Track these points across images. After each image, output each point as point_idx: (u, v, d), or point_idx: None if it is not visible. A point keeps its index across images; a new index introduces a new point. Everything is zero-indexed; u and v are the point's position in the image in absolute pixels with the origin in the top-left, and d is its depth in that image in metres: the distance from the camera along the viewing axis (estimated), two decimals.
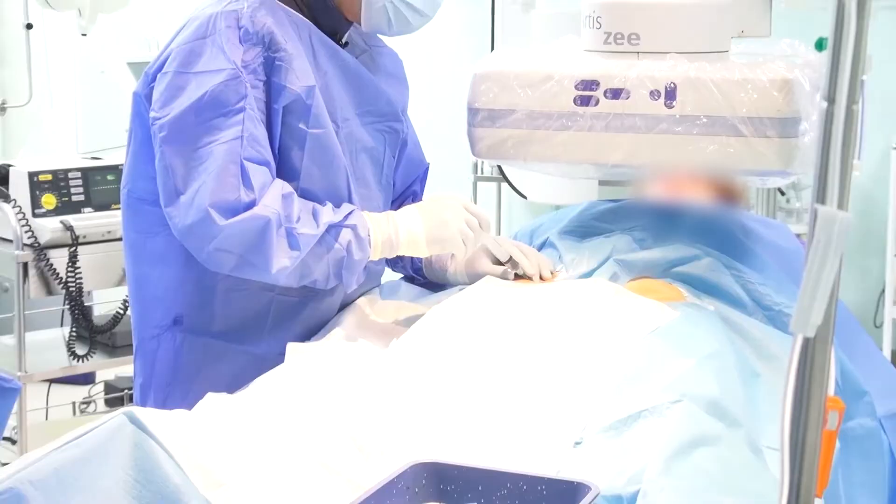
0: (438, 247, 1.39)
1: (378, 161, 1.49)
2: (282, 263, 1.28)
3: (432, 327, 1.30)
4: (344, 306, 1.47)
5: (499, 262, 1.51)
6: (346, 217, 1.34)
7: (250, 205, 1.27)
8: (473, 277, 1.50)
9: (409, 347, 1.26)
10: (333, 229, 1.32)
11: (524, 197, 3.28)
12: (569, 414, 1.10)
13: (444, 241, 1.38)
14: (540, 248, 1.59)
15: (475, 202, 3.39)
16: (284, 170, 1.35)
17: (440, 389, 1.15)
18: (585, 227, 1.56)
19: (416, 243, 1.38)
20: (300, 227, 1.29)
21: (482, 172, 3.45)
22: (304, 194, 1.36)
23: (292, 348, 1.34)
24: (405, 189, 1.61)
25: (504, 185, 3.43)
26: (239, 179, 1.27)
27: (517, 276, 1.50)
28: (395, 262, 1.61)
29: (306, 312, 1.42)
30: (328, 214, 1.33)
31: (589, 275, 1.47)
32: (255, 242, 1.27)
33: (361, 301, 1.48)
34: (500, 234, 2.81)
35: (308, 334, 1.42)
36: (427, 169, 1.64)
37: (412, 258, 1.57)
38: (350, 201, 1.40)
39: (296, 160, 1.35)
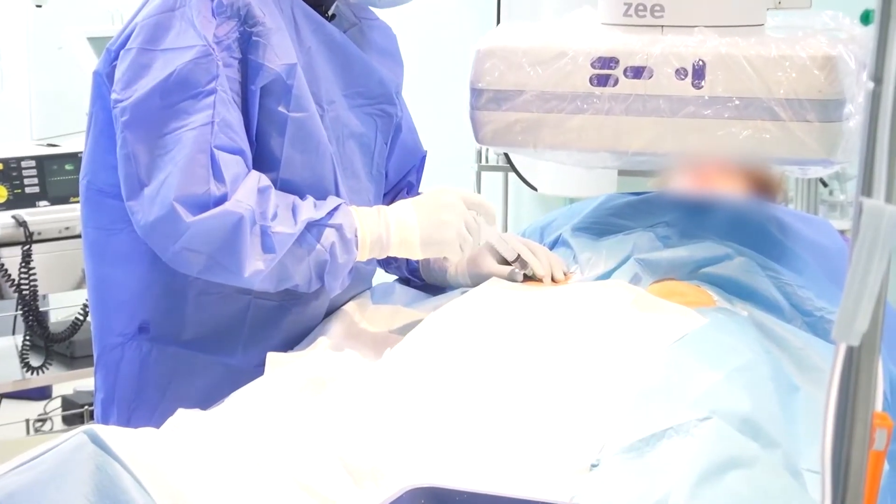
0: (434, 250, 1.40)
1: (368, 149, 1.49)
2: (255, 266, 1.28)
3: (430, 335, 1.30)
4: (331, 312, 1.48)
5: (505, 262, 1.51)
6: (331, 214, 1.34)
7: (221, 199, 1.27)
8: (477, 279, 1.51)
9: (404, 358, 1.26)
10: (314, 228, 1.33)
11: (534, 189, 3.27)
12: (584, 433, 1.10)
13: (441, 245, 1.39)
14: (552, 247, 1.60)
15: (478, 194, 3.40)
16: (262, 159, 1.35)
17: (440, 405, 1.15)
18: (603, 224, 1.56)
19: (410, 245, 1.38)
20: (276, 225, 1.29)
21: (487, 161, 3.44)
22: (285, 187, 1.36)
23: (272, 359, 1.34)
24: (399, 180, 1.61)
25: (511, 175, 3.43)
26: (209, 170, 1.27)
27: (526, 278, 1.50)
28: (388, 263, 1.61)
29: (288, 319, 1.43)
30: (308, 210, 1.33)
31: (607, 276, 1.47)
32: (225, 242, 1.27)
33: (350, 306, 1.48)
34: (506, 231, 2.81)
35: (290, 343, 1.43)
36: (424, 158, 1.64)
37: (408, 259, 1.57)
38: (337, 194, 1.40)
39: (275, 148, 1.36)
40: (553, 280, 1.50)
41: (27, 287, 2.43)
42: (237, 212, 1.27)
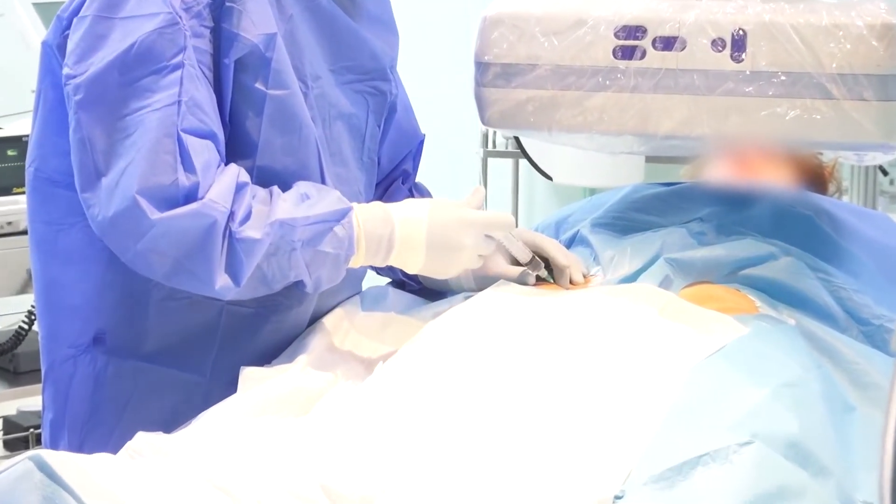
0: (435, 273, 1.41)
1: (359, 132, 1.50)
2: (226, 280, 1.28)
3: (429, 347, 1.30)
4: (316, 319, 1.48)
5: (516, 263, 1.51)
6: (330, 214, 1.33)
7: (191, 192, 1.27)
8: (483, 282, 1.51)
9: (399, 374, 1.27)
10: (298, 229, 1.32)
11: (549, 178, 3.27)
12: (607, 460, 1.10)
13: (444, 272, 1.41)
14: (569, 245, 1.60)
15: (485, 184, 3.41)
16: (237, 143, 1.35)
17: (440, 428, 1.15)
18: (628, 218, 1.57)
19: (410, 267, 1.39)
20: (245, 228, 1.28)
21: (494, 146, 3.45)
22: (263, 175, 1.36)
23: (247, 375, 1.34)
24: (393, 168, 1.62)
25: (522, 162, 3.43)
26: (176, 157, 1.27)
27: (539, 281, 1.51)
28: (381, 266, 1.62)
29: (267, 328, 1.43)
30: (285, 207, 1.32)
31: (633, 279, 1.47)
32: (195, 246, 1.27)
33: (337, 314, 1.48)
34: (517, 226, 2.81)
35: (268, 356, 1.43)
36: (422, 142, 1.64)
37: None
38: (322, 183, 1.41)
39: (251, 130, 1.36)
40: (571, 283, 1.50)
41: None
42: (211, 214, 1.27)
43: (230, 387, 1.34)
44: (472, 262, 1.41)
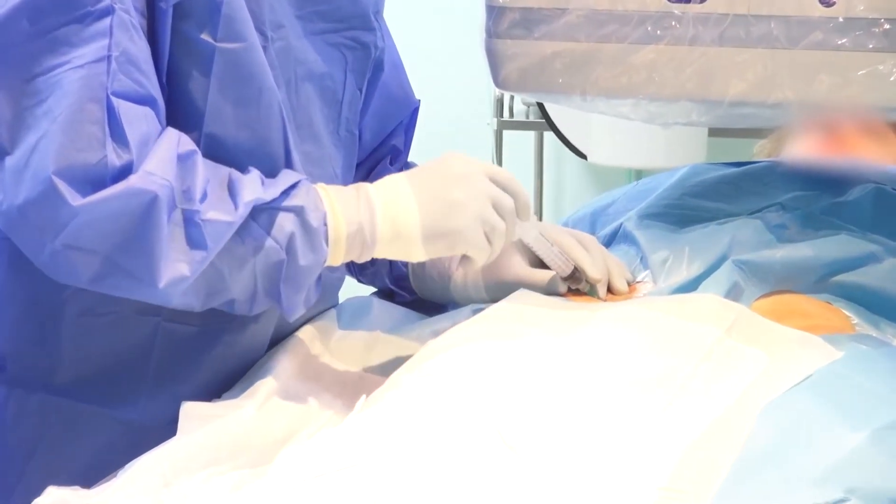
0: (442, 245, 1.40)
1: (334, 96, 1.50)
2: (176, 271, 1.28)
3: (425, 376, 1.30)
4: (278, 340, 1.48)
5: (542, 266, 1.51)
6: (287, 193, 1.34)
7: (123, 172, 1.27)
8: (497, 291, 1.51)
9: (386, 412, 1.26)
10: (264, 213, 1.33)
11: (582, 157, 3.27)
12: None
13: (454, 237, 1.39)
14: (608, 244, 1.61)
15: (499, 164, 3.40)
16: (177, 111, 1.36)
17: (440, 483, 1.15)
18: (685, 208, 1.58)
19: (406, 240, 1.38)
20: (207, 208, 1.29)
21: (511, 115, 3.45)
22: (210, 153, 1.36)
23: (190, 412, 1.34)
24: (380, 144, 1.63)
25: (548, 136, 3.43)
26: (104, 129, 1.27)
27: (571, 291, 1.51)
28: (363, 268, 1.62)
29: (215, 352, 1.44)
30: (252, 188, 1.33)
31: (691, 287, 1.48)
32: (131, 235, 1.27)
33: (307, 333, 1.49)
34: (541, 220, 2.80)
35: (217, 387, 1.43)
36: (416, 110, 1.65)
37: (392, 261, 1.57)
38: (288, 164, 1.41)
39: (196, 95, 1.36)
40: (611, 292, 1.50)
41: None
42: (149, 189, 1.26)
43: (168, 427, 1.33)
44: (473, 225, 1.39)
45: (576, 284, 1.51)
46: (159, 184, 1.27)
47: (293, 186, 1.35)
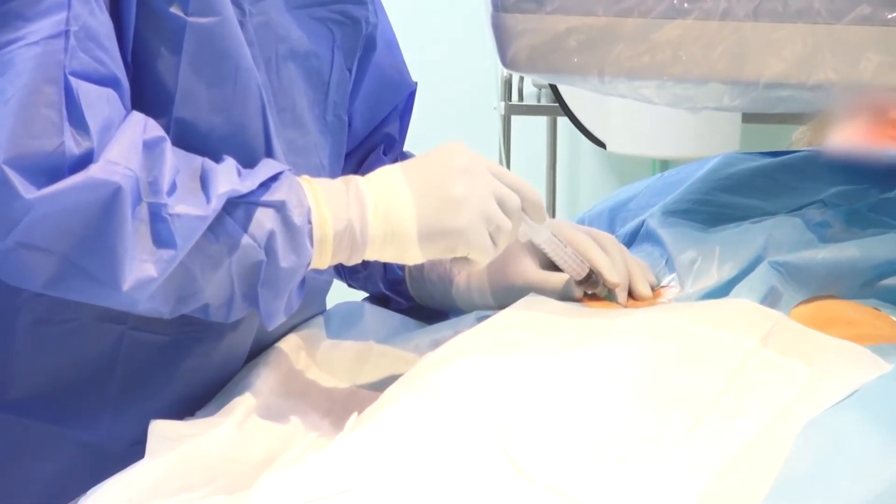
0: (442, 246, 1.40)
1: (320, 78, 1.50)
2: (142, 272, 1.28)
3: (424, 392, 1.30)
4: (259, 352, 1.48)
5: (554, 269, 1.52)
6: (266, 186, 1.35)
7: (83, 161, 1.27)
8: (503, 296, 1.52)
9: (379, 433, 1.25)
10: (240, 208, 1.33)
11: (601, 145, 3.27)
12: None
13: (455, 237, 1.39)
14: (630, 243, 1.62)
15: (507, 152, 3.40)
16: (145, 93, 1.36)
17: None
18: (716, 203, 1.59)
19: (401, 239, 1.38)
20: (176, 202, 1.29)
21: (520, 99, 3.45)
22: (181, 140, 1.36)
23: (159, 432, 1.33)
24: (372, 132, 1.63)
25: (562, 122, 3.43)
26: (62, 113, 1.26)
27: (587, 296, 1.51)
28: (354, 271, 1.63)
29: (187, 365, 1.44)
30: (228, 179, 1.33)
31: (723, 292, 1.48)
32: (91, 233, 1.26)
33: (291, 343, 1.49)
34: (553, 217, 2.80)
35: (190, 404, 1.43)
36: (412, 94, 1.66)
37: (386, 263, 1.56)
38: (268, 153, 1.41)
39: (164, 76, 1.36)
40: (632, 298, 1.50)
41: None
42: (111, 181, 1.26)
43: (134, 448, 1.32)
44: (476, 224, 1.39)
45: (592, 289, 1.51)
46: (123, 174, 1.26)
47: (273, 178, 1.35)
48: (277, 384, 1.43)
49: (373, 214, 1.38)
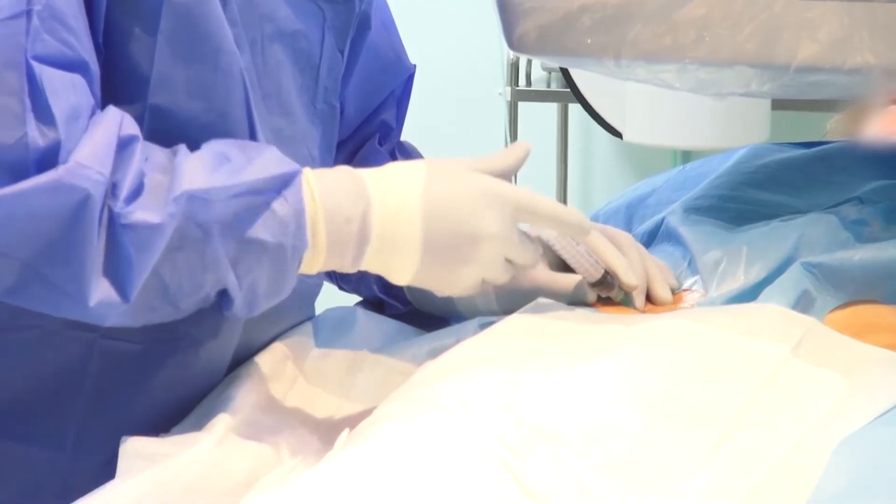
0: (436, 285, 1.42)
1: (309, 61, 1.51)
2: (108, 294, 1.28)
3: (422, 407, 1.29)
4: (241, 361, 1.49)
5: (566, 270, 1.52)
6: (254, 184, 1.33)
7: (48, 155, 1.27)
8: (511, 301, 1.52)
9: (373, 450, 1.25)
10: (216, 206, 1.32)
11: (617, 135, 3.28)
12: None
13: (450, 283, 1.42)
14: (648, 243, 1.63)
15: (514, 140, 3.39)
16: (117, 79, 1.36)
17: None
18: (742, 200, 1.60)
19: (398, 253, 1.39)
20: (136, 208, 1.28)
21: (528, 84, 3.45)
22: (157, 129, 1.36)
23: (132, 450, 1.33)
24: (367, 119, 1.64)
25: (574, 109, 3.43)
26: (24, 102, 1.26)
27: (602, 300, 1.52)
28: (347, 273, 1.61)
29: (164, 375, 1.44)
30: (195, 174, 1.32)
31: (751, 296, 1.48)
32: (57, 241, 1.26)
33: (277, 353, 1.49)
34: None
35: (166, 419, 1.43)
36: (411, 78, 1.67)
37: None
38: (252, 140, 1.41)
39: (139, 58, 1.36)
40: (651, 302, 1.51)
41: None
42: (80, 186, 1.26)
43: (104, 468, 1.33)
44: (495, 270, 1.40)
45: (607, 292, 1.51)
46: (94, 179, 1.26)
47: (276, 178, 1.34)
48: (261, 397, 1.43)
49: (367, 262, 1.38)
